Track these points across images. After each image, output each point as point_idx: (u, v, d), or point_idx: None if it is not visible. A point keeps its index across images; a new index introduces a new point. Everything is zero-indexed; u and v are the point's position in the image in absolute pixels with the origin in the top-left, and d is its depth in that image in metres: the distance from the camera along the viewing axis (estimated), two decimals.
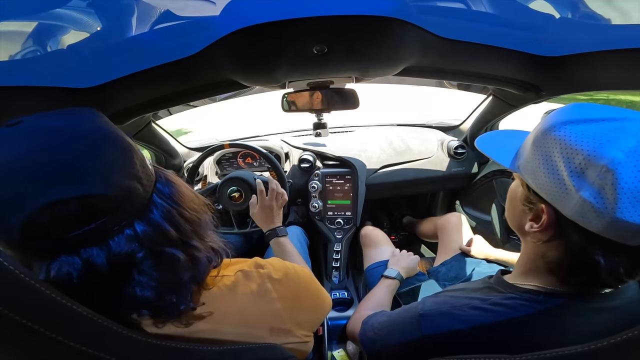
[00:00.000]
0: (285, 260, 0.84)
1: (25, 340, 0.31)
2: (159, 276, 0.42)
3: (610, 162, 0.41)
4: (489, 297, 0.57)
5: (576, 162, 0.44)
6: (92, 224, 0.37)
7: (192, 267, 0.46)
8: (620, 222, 0.41)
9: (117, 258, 0.39)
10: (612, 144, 0.42)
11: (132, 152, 0.42)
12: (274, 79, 0.90)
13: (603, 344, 0.37)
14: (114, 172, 0.39)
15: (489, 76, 0.98)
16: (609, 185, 0.41)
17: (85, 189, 0.36)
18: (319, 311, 0.66)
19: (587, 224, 0.44)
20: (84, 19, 0.59)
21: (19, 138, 0.37)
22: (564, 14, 0.66)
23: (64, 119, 0.40)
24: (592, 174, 0.42)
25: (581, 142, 0.44)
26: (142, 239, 0.41)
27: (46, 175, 0.35)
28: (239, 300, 0.51)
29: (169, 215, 0.44)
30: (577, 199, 0.44)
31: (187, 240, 0.46)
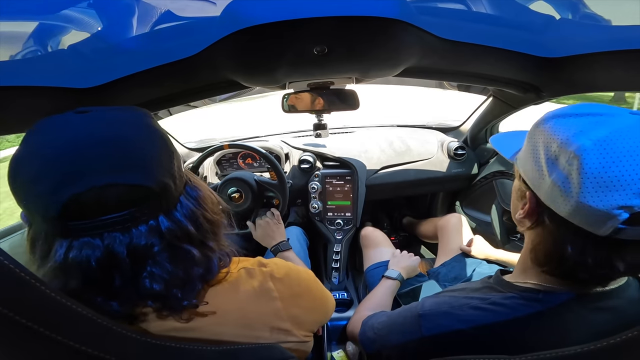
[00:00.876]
0: None
1: (25, 339, 0.30)
2: (172, 270, 0.44)
3: (577, 148, 0.44)
4: (488, 297, 0.57)
5: (552, 149, 0.47)
6: (125, 211, 0.40)
7: (205, 264, 0.48)
8: (584, 206, 0.43)
9: (136, 247, 0.41)
10: (583, 133, 0.45)
11: (174, 153, 0.46)
12: (275, 80, 0.90)
13: (603, 345, 0.37)
14: (161, 167, 0.43)
15: (489, 77, 0.98)
16: (575, 170, 0.44)
17: (136, 178, 0.40)
18: (321, 312, 0.65)
19: (557, 208, 0.47)
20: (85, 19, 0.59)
21: (88, 122, 0.41)
22: (564, 14, 0.66)
23: (128, 113, 0.45)
24: (562, 159, 0.46)
25: (559, 132, 0.47)
26: (163, 232, 0.43)
27: (109, 158, 0.39)
28: (241, 297, 0.52)
29: (192, 216, 0.47)
30: (549, 183, 0.48)
31: (204, 239, 0.49)
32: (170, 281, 0.44)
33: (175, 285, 0.44)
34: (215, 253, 0.50)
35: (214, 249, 0.50)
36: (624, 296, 0.51)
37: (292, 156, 1.59)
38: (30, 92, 0.67)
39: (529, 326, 0.52)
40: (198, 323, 0.48)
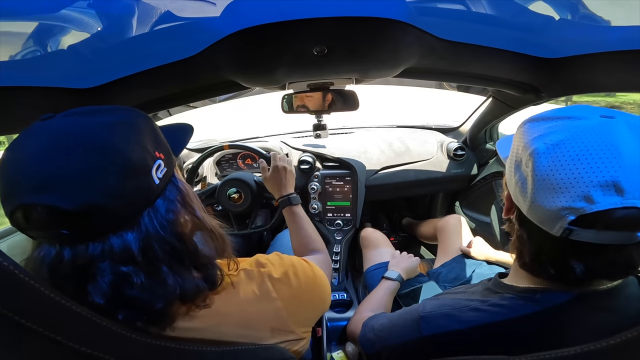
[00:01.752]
0: (301, 231, 0.88)
1: (25, 340, 0.30)
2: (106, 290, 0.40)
3: (532, 152, 0.47)
4: (487, 299, 0.58)
5: (519, 152, 0.51)
6: (55, 231, 0.39)
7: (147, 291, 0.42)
8: (537, 206, 0.47)
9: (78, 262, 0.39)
10: (542, 137, 0.48)
11: (132, 170, 0.43)
12: (274, 80, 0.90)
13: (602, 345, 0.37)
14: (91, 187, 0.39)
15: (489, 78, 0.98)
16: (530, 172, 0.47)
17: (52, 199, 0.37)
18: (319, 307, 0.65)
19: (520, 205, 0.51)
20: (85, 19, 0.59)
21: (35, 134, 0.40)
22: (564, 15, 0.66)
23: (81, 121, 0.42)
24: (523, 162, 0.50)
25: (526, 135, 0.51)
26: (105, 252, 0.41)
27: (34, 176, 0.37)
28: (241, 300, 0.51)
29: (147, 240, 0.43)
30: (513, 182, 0.52)
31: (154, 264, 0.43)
32: (110, 299, 0.40)
33: (119, 305, 0.40)
34: (176, 277, 0.44)
35: (177, 274, 0.44)
36: (623, 295, 0.51)
37: (291, 157, 1.59)
38: (30, 92, 0.67)
39: (528, 326, 0.52)
40: (197, 324, 0.48)
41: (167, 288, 0.43)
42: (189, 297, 0.45)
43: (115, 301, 0.40)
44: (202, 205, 0.53)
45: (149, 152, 0.43)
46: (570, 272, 0.48)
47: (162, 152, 0.46)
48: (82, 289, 0.40)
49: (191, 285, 0.45)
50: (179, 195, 0.48)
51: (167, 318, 0.44)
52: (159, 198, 0.44)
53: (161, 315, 0.43)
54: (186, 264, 0.46)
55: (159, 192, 0.44)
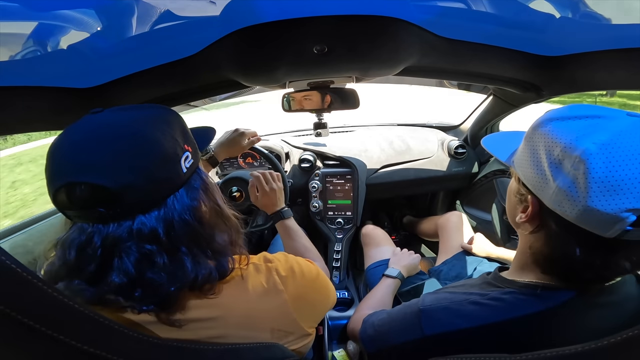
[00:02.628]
0: (295, 244, 0.89)
1: (26, 338, 0.31)
2: (130, 270, 0.44)
3: (582, 153, 0.44)
4: (487, 292, 0.58)
5: (555, 154, 0.47)
6: (93, 209, 0.43)
7: (172, 270, 0.46)
8: (592, 210, 0.43)
9: (108, 240, 0.44)
10: (586, 137, 0.44)
11: (164, 154, 0.48)
12: (275, 79, 0.90)
13: (603, 344, 0.37)
14: (128, 169, 0.44)
15: (490, 76, 0.98)
16: (581, 174, 0.43)
17: (95, 177, 0.42)
18: (324, 303, 0.67)
19: (564, 212, 0.46)
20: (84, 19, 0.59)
21: (85, 124, 0.45)
22: (565, 13, 0.66)
23: (126, 114, 0.48)
24: (567, 164, 0.45)
25: (561, 136, 0.47)
26: (133, 232, 0.45)
27: (77, 158, 0.43)
28: (249, 292, 0.53)
29: (171, 220, 0.47)
30: (554, 188, 0.47)
31: (176, 246, 0.47)
32: (132, 281, 0.43)
33: (138, 285, 0.44)
34: (193, 261, 0.48)
35: (194, 258, 0.48)
36: (622, 292, 0.52)
37: (292, 155, 1.59)
38: (30, 92, 0.67)
39: (529, 322, 0.52)
40: (207, 314, 0.49)
41: (184, 271, 0.46)
42: (199, 283, 0.47)
43: (136, 281, 0.43)
44: (222, 196, 0.58)
45: (179, 144, 0.49)
46: (616, 272, 0.47)
47: (189, 145, 0.51)
48: (102, 271, 0.44)
49: (205, 272, 0.48)
50: (203, 185, 0.53)
51: (177, 303, 0.47)
52: (185, 185, 0.49)
53: (172, 299, 0.46)
54: (203, 248, 0.49)
55: (185, 179, 0.49)
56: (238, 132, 1.10)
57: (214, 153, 1.05)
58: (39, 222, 1.09)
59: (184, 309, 0.48)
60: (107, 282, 0.43)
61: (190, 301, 0.48)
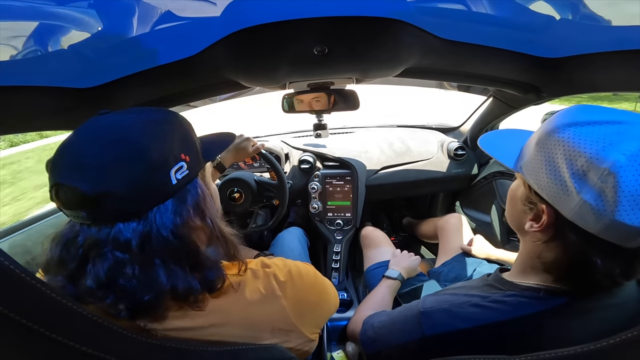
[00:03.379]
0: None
1: (25, 340, 0.30)
2: (100, 276, 0.43)
3: (612, 165, 0.41)
4: (489, 295, 0.57)
5: (578, 165, 0.44)
6: (79, 211, 0.43)
7: (136, 280, 0.44)
8: (619, 224, 0.41)
9: (89, 243, 0.44)
10: (614, 147, 0.42)
11: (155, 166, 0.46)
12: (275, 80, 0.90)
13: (602, 345, 0.37)
14: (111, 175, 0.43)
15: (490, 77, 0.98)
16: (610, 188, 0.41)
17: (75, 180, 0.42)
18: (325, 308, 0.65)
19: (586, 225, 0.44)
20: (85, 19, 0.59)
21: (87, 125, 0.46)
22: (565, 15, 0.66)
23: (128, 116, 0.47)
24: (593, 176, 0.43)
25: (584, 145, 0.44)
26: (109, 238, 0.44)
27: (68, 159, 0.43)
28: (247, 298, 0.52)
29: (146, 233, 0.46)
30: (577, 201, 0.44)
31: (151, 257, 0.45)
32: (102, 286, 0.43)
33: (110, 291, 0.43)
34: (167, 274, 0.45)
35: (167, 271, 0.46)
36: (622, 294, 0.52)
37: (292, 156, 1.59)
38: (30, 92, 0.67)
39: (530, 323, 0.52)
40: (201, 322, 0.48)
41: (157, 283, 0.44)
42: (180, 295, 0.46)
43: (106, 287, 0.43)
44: (216, 212, 0.55)
45: (174, 153, 0.46)
46: (632, 278, 0.47)
47: (188, 155, 0.49)
48: (81, 271, 0.43)
49: (184, 284, 0.46)
50: (194, 199, 0.50)
51: (158, 311, 0.46)
52: (173, 198, 0.47)
53: (150, 307, 0.45)
54: (182, 263, 0.47)
55: (174, 191, 0.47)
56: (243, 137, 1.11)
57: (220, 160, 1.05)
58: (38, 222, 1.09)
59: (165, 318, 0.46)
60: (83, 283, 0.43)
61: (178, 312, 0.47)
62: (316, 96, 1.05)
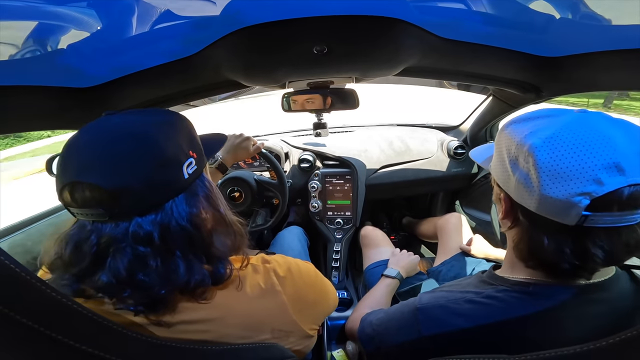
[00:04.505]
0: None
1: (25, 339, 0.31)
2: (121, 271, 0.44)
3: (529, 147, 0.49)
4: (482, 291, 0.59)
5: (512, 151, 0.53)
6: (94, 209, 0.44)
7: (165, 275, 0.46)
8: (547, 198, 0.47)
9: (103, 240, 0.44)
10: (533, 134, 0.50)
11: (166, 160, 0.48)
12: (274, 79, 0.90)
13: (602, 344, 0.37)
14: (127, 171, 0.44)
15: (489, 77, 0.98)
16: (532, 166, 0.49)
17: (94, 178, 0.43)
18: (324, 304, 0.67)
19: (526, 203, 0.51)
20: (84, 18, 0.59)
21: (97, 124, 0.47)
22: (564, 14, 0.66)
23: (135, 117, 0.49)
24: (521, 159, 0.51)
25: (515, 135, 0.53)
26: (128, 234, 0.45)
27: (81, 159, 0.44)
28: (247, 292, 0.52)
29: (167, 226, 0.47)
30: (514, 181, 0.52)
31: (170, 250, 0.47)
32: (121, 282, 0.44)
33: (127, 286, 0.44)
34: (187, 266, 0.47)
35: (187, 262, 0.48)
36: (615, 288, 0.53)
37: (291, 155, 1.59)
38: (30, 91, 0.67)
39: (522, 318, 0.53)
40: (202, 315, 0.49)
41: (177, 275, 0.46)
42: (191, 287, 0.47)
43: (125, 282, 0.44)
44: (225, 203, 0.57)
45: (183, 150, 0.49)
46: (589, 261, 0.48)
47: (195, 152, 0.51)
48: (93, 269, 0.44)
49: (198, 277, 0.47)
50: (204, 192, 0.52)
51: (167, 306, 0.47)
52: (186, 191, 0.49)
53: (162, 302, 0.46)
54: (199, 254, 0.49)
55: (186, 185, 0.49)
56: (243, 137, 1.11)
57: (222, 160, 1.05)
58: (38, 222, 1.09)
59: (174, 312, 0.47)
60: (94, 280, 0.44)
61: (184, 304, 0.48)
62: (316, 95, 1.05)
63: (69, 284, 0.44)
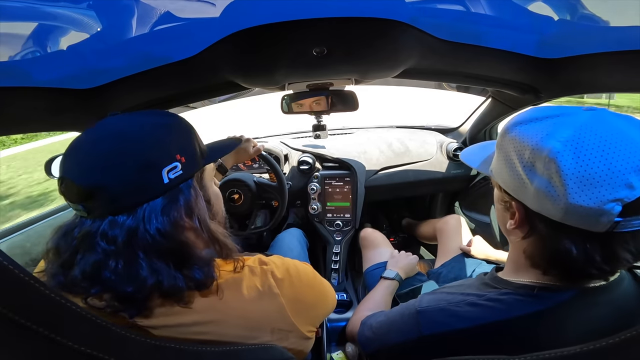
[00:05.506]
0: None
1: (24, 340, 0.30)
2: (85, 265, 0.45)
3: (549, 152, 0.45)
4: (484, 293, 0.58)
5: (526, 157, 0.48)
6: (79, 204, 0.46)
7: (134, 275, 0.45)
8: (575, 207, 0.43)
9: (83, 234, 0.46)
10: (550, 136, 0.46)
11: (148, 163, 0.48)
12: (274, 81, 0.91)
13: (602, 344, 0.37)
14: (106, 170, 0.46)
15: (488, 78, 0.98)
16: (554, 173, 0.44)
17: (73, 175, 0.46)
18: (323, 306, 0.66)
19: (549, 213, 0.47)
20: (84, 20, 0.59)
21: (98, 125, 0.49)
22: (563, 16, 0.66)
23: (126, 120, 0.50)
24: (539, 165, 0.46)
25: (527, 138, 0.48)
26: (102, 232, 0.46)
27: (70, 157, 0.47)
28: (244, 295, 0.52)
29: (135, 228, 0.47)
30: (532, 190, 0.48)
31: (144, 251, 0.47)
32: (87, 277, 0.44)
33: (95, 282, 0.45)
34: (151, 269, 0.46)
35: (151, 266, 0.46)
36: (619, 290, 0.52)
37: (291, 157, 1.59)
38: (29, 93, 0.67)
39: (526, 321, 0.52)
40: (199, 318, 0.49)
41: (139, 276, 0.45)
42: (166, 291, 0.46)
43: (91, 278, 0.44)
44: (207, 213, 0.55)
45: (169, 153, 0.48)
46: (619, 265, 0.47)
47: (184, 156, 0.50)
48: (72, 261, 0.45)
49: (169, 281, 0.46)
50: (186, 199, 0.51)
51: (143, 305, 0.46)
52: (164, 196, 0.48)
53: (134, 300, 0.45)
54: (167, 259, 0.47)
55: (165, 190, 0.48)
56: (243, 138, 1.10)
57: (222, 162, 1.05)
58: (37, 223, 1.08)
59: (152, 314, 0.47)
60: (71, 273, 0.45)
61: (176, 307, 0.48)
62: (315, 97, 1.05)
63: (55, 273, 0.46)
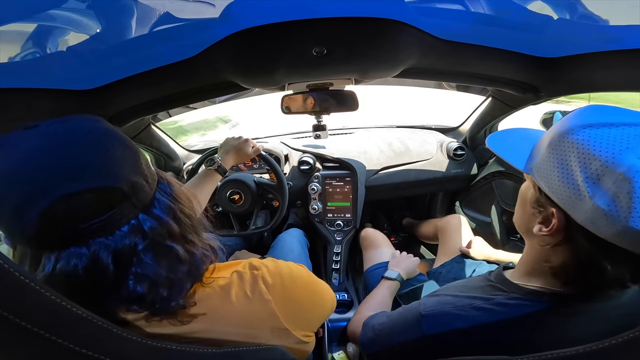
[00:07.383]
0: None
1: (24, 342, 0.30)
2: (156, 269, 0.44)
3: (628, 170, 0.39)
4: (491, 297, 0.56)
5: (593, 168, 0.43)
6: (103, 216, 0.40)
7: (189, 261, 0.47)
8: (633, 230, 0.39)
9: (120, 250, 0.41)
10: (631, 151, 0.40)
11: (137, 152, 0.45)
12: (274, 81, 0.90)
13: (604, 345, 0.37)
14: (122, 167, 0.42)
15: (488, 77, 0.98)
16: (624, 193, 0.40)
17: (99, 181, 0.39)
18: (319, 309, 0.64)
19: (597, 230, 0.43)
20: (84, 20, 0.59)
21: (37, 136, 0.41)
22: (562, 15, 0.66)
23: (80, 122, 0.43)
24: (608, 181, 0.41)
25: (599, 148, 0.42)
26: (145, 231, 0.43)
27: (65, 169, 0.38)
28: (234, 301, 0.51)
29: (170, 211, 0.47)
30: (590, 206, 0.43)
31: (185, 235, 0.48)
32: (155, 281, 0.43)
33: (161, 285, 0.44)
34: (199, 248, 0.50)
35: (197, 244, 0.50)
36: (626, 297, 0.51)
37: (291, 157, 1.59)
38: (30, 94, 0.67)
39: (533, 327, 0.52)
40: (192, 328, 0.48)
41: None
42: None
43: (158, 281, 0.44)
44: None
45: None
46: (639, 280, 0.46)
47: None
48: (119, 280, 0.42)
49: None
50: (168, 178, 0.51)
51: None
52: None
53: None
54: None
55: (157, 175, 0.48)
56: (242, 139, 1.10)
57: (221, 162, 1.04)
58: None
59: (159, 325, 0.46)
60: (123, 296, 0.43)
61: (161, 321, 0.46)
62: (315, 97, 1.05)
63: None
